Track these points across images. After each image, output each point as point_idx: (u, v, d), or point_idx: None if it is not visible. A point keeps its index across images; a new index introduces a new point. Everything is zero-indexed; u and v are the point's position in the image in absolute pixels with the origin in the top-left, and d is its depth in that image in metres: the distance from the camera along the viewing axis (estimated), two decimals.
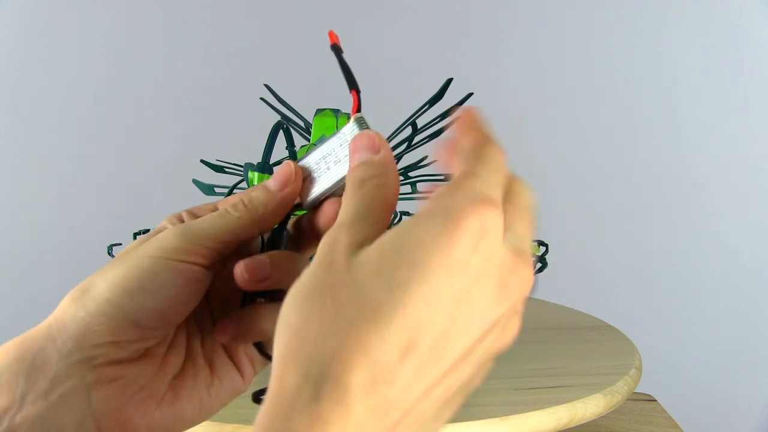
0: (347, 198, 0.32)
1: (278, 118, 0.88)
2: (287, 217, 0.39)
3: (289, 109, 0.90)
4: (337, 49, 0.38)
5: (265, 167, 0.61)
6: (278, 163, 0.77)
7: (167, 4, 1.46)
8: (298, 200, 0.39)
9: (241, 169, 0.63)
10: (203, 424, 0.59)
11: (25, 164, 1.45)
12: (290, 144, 0.65)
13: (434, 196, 0.29)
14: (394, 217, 0.86)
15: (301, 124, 0.89)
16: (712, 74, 1.51)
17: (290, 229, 0.40)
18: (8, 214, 1.45)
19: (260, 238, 0.39)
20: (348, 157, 0.36)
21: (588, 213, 1.53)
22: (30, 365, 0.34)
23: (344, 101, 0.89)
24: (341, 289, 0.28)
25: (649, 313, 1.53)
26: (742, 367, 1.54)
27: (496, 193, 0.30)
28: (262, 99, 0.92)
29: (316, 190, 0.38)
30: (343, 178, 0.36)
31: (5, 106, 1.45)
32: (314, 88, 1.42)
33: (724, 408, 1.54)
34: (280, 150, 0.65)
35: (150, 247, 0.36)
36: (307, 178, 0.38)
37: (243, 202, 0.37)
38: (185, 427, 0.38)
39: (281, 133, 0.63)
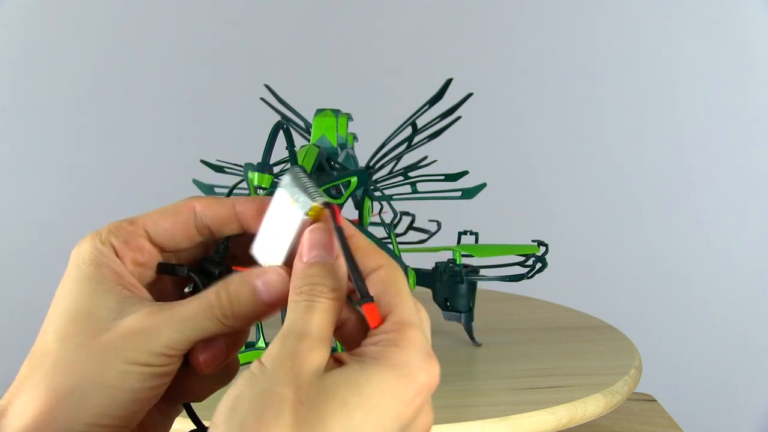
0: (302, 303, 0.33)
1: (278, 118, 0.88)
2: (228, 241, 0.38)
3: (289, 109, 0.90)
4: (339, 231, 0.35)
5: (265, 167, 0.61)
6: (278, 163, 0.78)
7: (167, 4, 1.46)
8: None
9: (241, 169, 0.63)
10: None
11: (24, 164, 1.45)
12: (290, 144, 0.65)
13: (388, 343, 0.32)
14: (398, 222, 0.86)
15: (301, 124, 0.89)
16: (711, 75, 1.51)
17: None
18: (8, 214, 1.45)
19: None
20: (292, 230, 0.34)
21: (587, 213, 1.53)
22: None
23: (344, 101, 0.89)
24: (303, 409, 0.30)
25: (649, 313, 1.53)
26: (742, 367, 1.54)
27: (429, 341, 0.34)
28: (262, 99, 0.92)
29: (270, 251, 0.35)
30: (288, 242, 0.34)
31: (5, 106, 1.45)
32: (314, 88, 1.42)
33: (724, 408, 1.54)
34: (280, 150, 0.65)
35: (120, 366, 0.34)
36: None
37: (233, 310, 0.35)
38: None
39: (281, 133, 0.63)
